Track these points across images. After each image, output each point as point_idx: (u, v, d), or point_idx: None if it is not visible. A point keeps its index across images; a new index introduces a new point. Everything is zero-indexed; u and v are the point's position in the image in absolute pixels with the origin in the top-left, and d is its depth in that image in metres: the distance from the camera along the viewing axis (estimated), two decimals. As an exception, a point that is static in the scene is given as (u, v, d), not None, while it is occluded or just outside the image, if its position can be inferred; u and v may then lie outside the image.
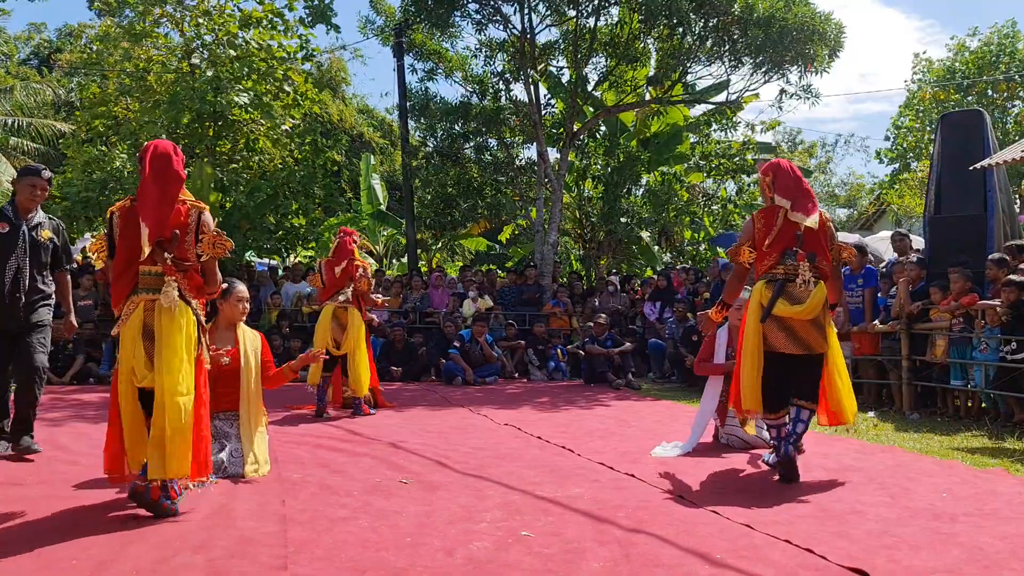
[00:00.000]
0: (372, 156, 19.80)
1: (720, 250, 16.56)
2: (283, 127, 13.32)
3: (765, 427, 5.68)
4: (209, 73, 12.34)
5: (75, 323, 5.47)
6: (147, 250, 3.66)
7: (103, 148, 12.67)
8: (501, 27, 14.26)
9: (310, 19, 13.20)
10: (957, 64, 22.48)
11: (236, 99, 12.07)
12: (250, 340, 4.95)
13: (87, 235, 14.61)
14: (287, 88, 13.25)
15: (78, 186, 11.83)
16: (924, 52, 23.76)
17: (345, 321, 7.40)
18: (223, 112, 12.25)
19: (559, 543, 3.29)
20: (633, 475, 4.65)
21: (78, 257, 13.61)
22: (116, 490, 4.19)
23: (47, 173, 5.17)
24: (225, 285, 4.86)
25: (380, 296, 8.13)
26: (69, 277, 5.34)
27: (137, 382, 3.73)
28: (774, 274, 4.52)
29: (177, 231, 3.74)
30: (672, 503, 4.00)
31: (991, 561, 3.07)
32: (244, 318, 5.00)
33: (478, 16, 14.03)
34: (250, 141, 13.42)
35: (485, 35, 14.59)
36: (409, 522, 3.62)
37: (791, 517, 3.70)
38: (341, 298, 7.43)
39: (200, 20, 12.69)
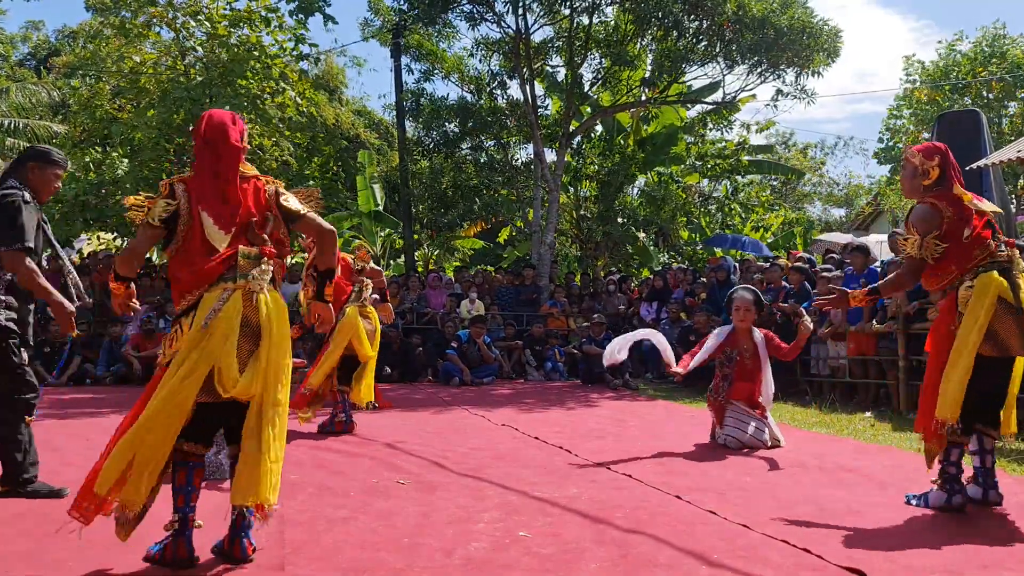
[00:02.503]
0: (369, 156, 19.77)
1: (718, 251, 16.55)
2: (276, 121, 13.27)
3: (766, 429, 5.69)
4: (199, 79, 12.31)
5: (67, 306, 4.34)
6: (223, 244, 3.04)
7: (98, 150, 12.64)
8: (495, 25, 14.29)
9: (299, 12, 13.09)
10: (950, 63, 22.56)
11: (226, 102, 12.03)
12: None
13: (83, 236, 14.60)
14: (284, 86, 13.22)
15: (75, 188, 11.80)
16: (914, 55, 23.87)
17: (374, 322, 6.96)
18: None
19: (557, 543, 3.29)
20: (631, 475, 4.65)
21: (75, 257, 13.60)
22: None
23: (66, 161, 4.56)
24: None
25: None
26: (27, 260, 4.04)
27: (226, 391, 2.94)
28: (998, 263, 3.88)
29: (268, 213, 3.17)
30: (670, 503, 4.00)
31: (988, 561, 3.08)
32: None
33: (469, 9, 14.04)
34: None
35: (479, 33, 14.63)
36: (407, 523, 3.62)
37: (789, 517, 3.70)
38: (364, 297, 6.89)
39: (192, 21, 12.67)
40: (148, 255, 15.21)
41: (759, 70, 13.52)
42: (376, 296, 6.87)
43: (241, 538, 3.06)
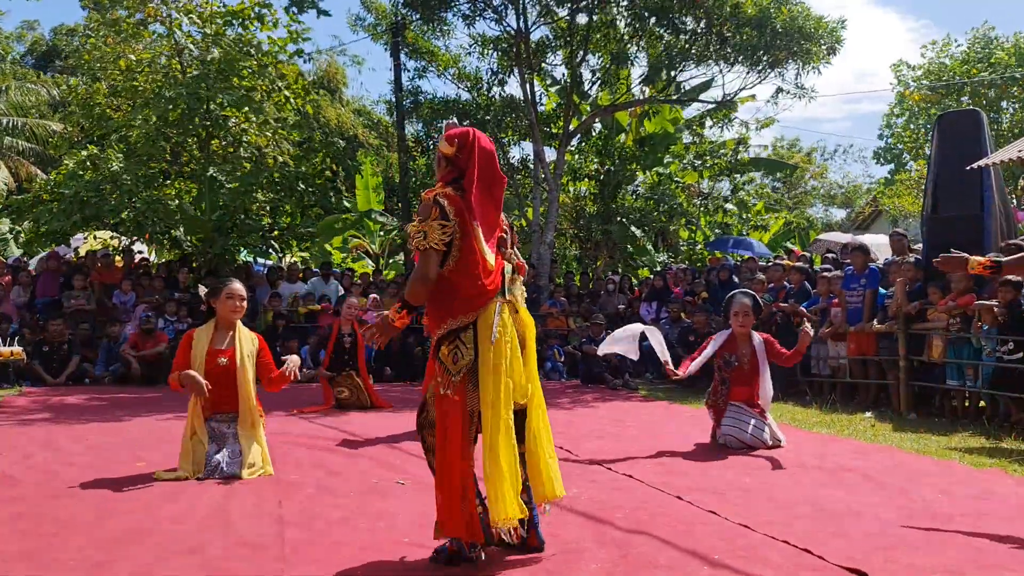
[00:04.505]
0: (368, 156, 19.77)
1: (718, 252, 16.56)
2: (272, 119, 13.25)
3: (766, 429, 5.69)
4: (195, 72, 12.28)
5: None
6: (490, 255, 3.13)
7: (95, 149, 12.62)
8: (493, 23, 14.30)
9: (292, 6, 13.03)
10: (941, 67, 22.63)
11: (221, 100, 12.01)
12: (247, 342, 4.89)
13: (79, 235, 14.57)
14: (280, 84, 13.19)
15: (73, 186, 11.78)
16: (901, 60, 23.89)
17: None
18: (212, 111, 12.22)
19: (557, 544, 3.28)
20: (631, 476, 4.64)
21: (71, 256, 13.58)
22: (113, 490, 4.18)
23: None
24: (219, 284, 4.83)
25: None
26: None
27: (520, 400, 3.11)
28: None
29: (504, 234, 3.30)
30: (670, 503, 3.99)
31: (989, 561, 3.07)
32: (238, 317, 4.91)
33: (466, 7, 14.04)
34: (240, 139, 13.35)
35: (475, 30, 14.63)
36: (406, 523, 3.61)
37: (789, 517, 3.69)
38: None
39: (185, 19, 12.65)
40: (147, 254, 15.25)
41: (758, 68, 13.51)
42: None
43: (536, 529, 3.21)
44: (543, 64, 15.27)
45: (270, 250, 14.21)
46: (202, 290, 4.99)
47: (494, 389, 3.01)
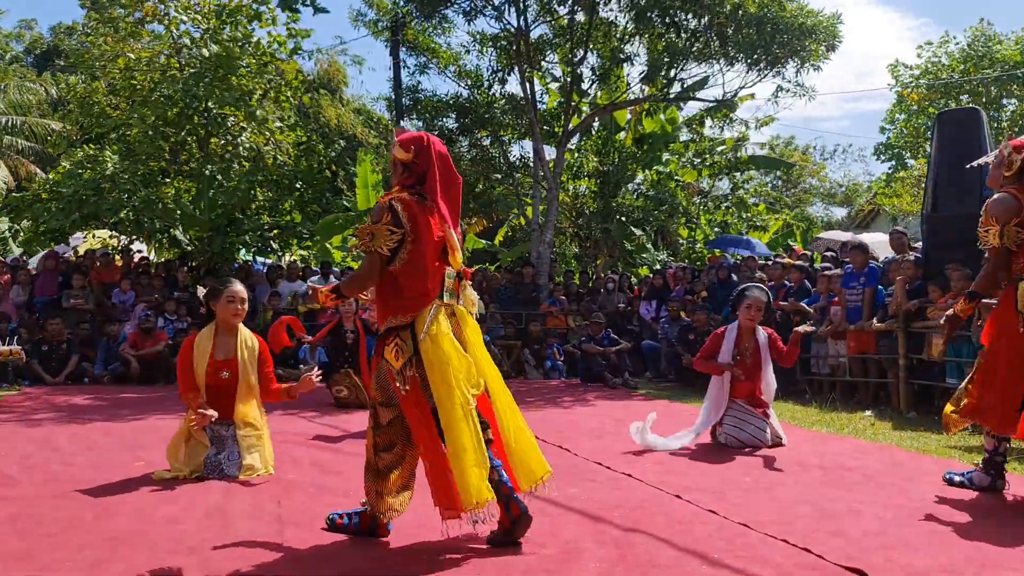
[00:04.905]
0: (367, 155, 19.73)
1: (717, 251, 16.56)
2: (273, 121, 13.23)
3: (767, 428, 5.69)
4: (190, 70, 12.27)
5: None
6: (459, 257, 3.30)
7: (93, 147, 12.61)
8: (493, 20, 14.29)
9: (281, 7, 12.98)
10: (939, 66, 22.64)
11: (217, 100, 11.99)
12: (248, 345, 4.78)
13: (78, 234, 14.56)
14: (279, 80, 13.17)
15: (72, 185, 11.77)
16: (897, 60, 23.92)
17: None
18: (211, 110, 12.20)
19: (556, 543, 3.28)
20: (630, 475, 4.63)
21: (70, 255, 13.57)
22: (112, 490, 4.18)
23: None
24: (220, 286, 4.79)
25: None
26: None
27: (474, 391, 3.26)
28: None
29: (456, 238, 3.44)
30: (669, 503, 3.99)
31: (988, 560, 3.07)
32: (239, 320, 4.78)
33: (466, 4, 14.04)
34: (239, 138, 13.34)
35: (475, 27, 14.62)
36: (406, 522, 3.60)
37: (788, 516, 3.69)
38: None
39: (183, 17, 12.64)
40: (147, 253, 15.24)
41: (758, 67, 13.50)
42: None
43: (517, 500, 3.27)
44: (543, 62, 15.26)
45: (269, 249, 14.21)
46: (201, 291, 4.89)
47: (443, 382, 3.14)
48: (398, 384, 3.21)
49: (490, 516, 3.16)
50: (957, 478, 4.28)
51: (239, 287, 4.81)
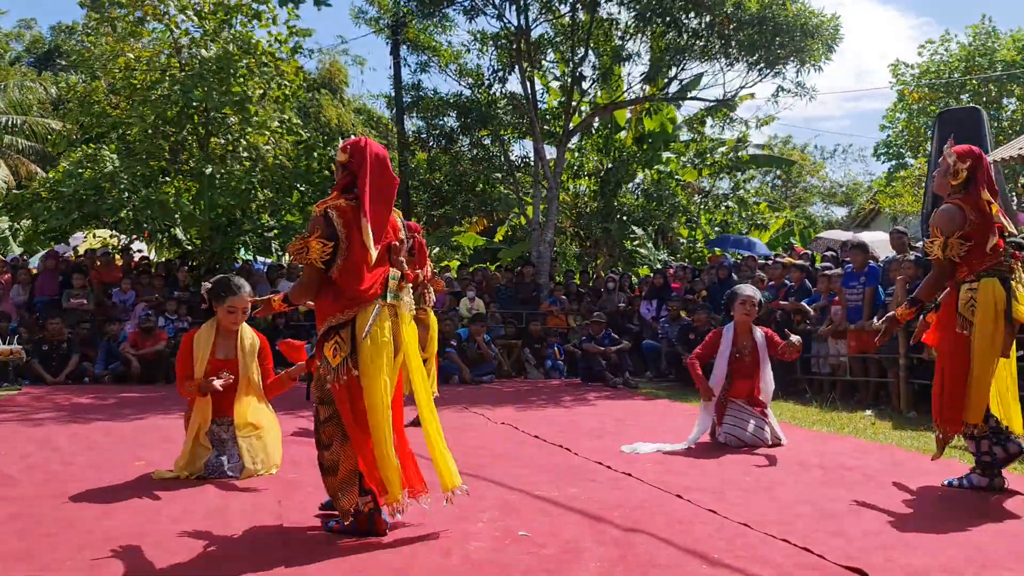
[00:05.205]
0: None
1: (717, 250, 16.57)
2: (273, 121, 13.22)
3: (766, 428, 5.69)
4: (191, 71, 12.26)
5: None
6: (375, 254, 3.38)
7: (92, 146, 12.60)
8: (494, 19, 14.29)
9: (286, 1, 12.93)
10: (941, 65, 22.63)
11: (215, 103, 11.97)
12: (248, 344, 4.76)
13: (79, 234, 14.56)
14: (279, 80, 13.15)
15: (72, 184, 11.77)
16: (898, 59, 24.00)
17: (428, 323, 7.03)
18: (210, 110, 12.20)
19: (556, 543, 3.28)
20: (631, 474, 4.63)
21: (70, 254, 13.57)
22: (112, 490, 4.17)
23: None
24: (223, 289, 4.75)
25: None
26: None
27: (387, 399, 3.41)
28: (1000, 271, 4.13)
29: (402, 238, 3.60)
30: (669, 502, 3.99)
31: (989, 560, 3.06)
32: (236, 328, 4.73)
33: (467, 3, 14.04)
34: (239, 138, 13.33)
35: (476, 26, 14.65)
36: (404, 522, 3.60)
37: (788, 516, 3.69)
38: (427, 299, 7.00)
39: (182, 16, 12.63)
40: (147, 253, 15.23)
41: (759, 67, 13.51)
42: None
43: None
44: (543, 61, 15.27)
45: (269, 248, 14.20)
46: (205, 287, 4.84)
47: (374, 384, 3.32)
48: (332, 381, 3.34)
49: (406, 509, 3.41)
50: (956, 482, 4.32)
51: (243, 296, 4.66)
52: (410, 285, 3.58)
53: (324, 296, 3.43)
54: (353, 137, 3.54)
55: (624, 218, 16.46)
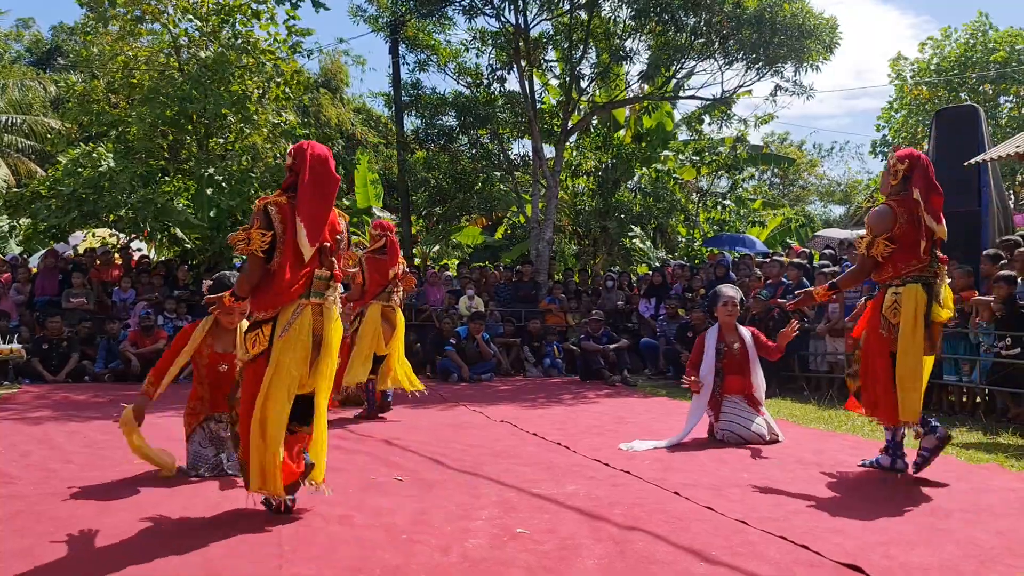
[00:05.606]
0: (366, 152, 19.75)
1: (715, 249, 16.59)
2: (270, 118, 13.21)
3: (763, 424, 5.71)
4: (190, 72, 12.24)
5: None
6: (309, 254, 3.53)
7: (91, 145, 12.59)
8: (493, 17, 14.28)
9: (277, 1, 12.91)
10: (941, 61, 22.64)
11: (213, 105, 11.96)
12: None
13: (78, 233, 14.54)
14: (277, 80, 13.14)
15: (70, 183, 11.76)
16: (898, 54, 23.95)
17: (395, 321, 7.12)
18: (208, 110, 12.18)
19: (555, 540, 3.29)
20: (629, 472, 4.64)
21: (70, 253, 13.56)
22: (111, 488, 4.19)
23: None
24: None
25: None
26: None
27: (300, 389, 3.60)
28: (924, 276, 4.34)
29: (338, 238, 3.76)
30: (667, 500, 4.00)
31: (986, 556, 3.08)
32: (233, 326, 4.70)
33: (466, 3, 14.02)
34: (238, 137, 13.31)
35: (475, 24, 14.63)
36: (404, 520, 3.62)
37: (786, 513, 3.70)
38: (395, 298, 7.10)
39: (180, 16, 12.61)
40: (146, 252, 15.21)
41: (757, 66, 13.52)
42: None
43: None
44: (542, 60, 15.26)
45: None
46: (206, 284, 4.84)
47: (274, 379, 3.50)
48: (243, 369, 3.61)
49: (284, 503, 3.64)
50: (868, 460, 4.69)
51: None
52: (338, 285, 3.74)
53: (257, 290, 3.60)
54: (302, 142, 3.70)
55: (623, 216, 16.46)
